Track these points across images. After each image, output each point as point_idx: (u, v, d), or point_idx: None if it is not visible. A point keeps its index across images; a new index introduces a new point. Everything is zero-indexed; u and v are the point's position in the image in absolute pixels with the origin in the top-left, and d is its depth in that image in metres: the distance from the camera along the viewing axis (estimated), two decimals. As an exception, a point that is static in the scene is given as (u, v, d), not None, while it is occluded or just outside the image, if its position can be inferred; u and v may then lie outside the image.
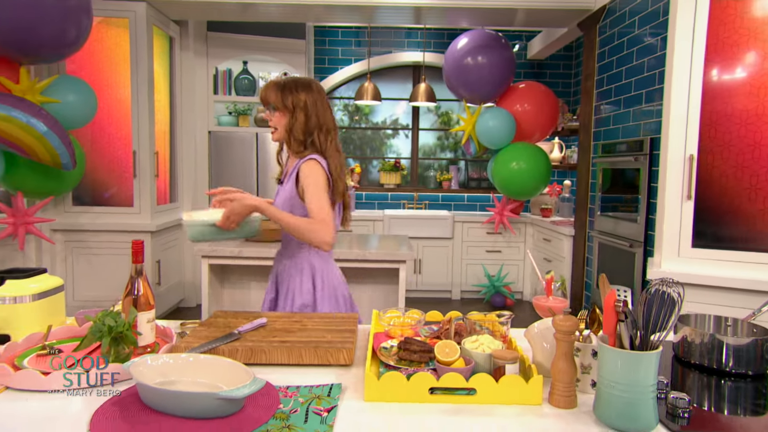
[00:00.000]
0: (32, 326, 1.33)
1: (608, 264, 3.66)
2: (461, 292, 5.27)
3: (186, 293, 4.71)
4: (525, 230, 5.17)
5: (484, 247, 5.19)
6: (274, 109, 1.77)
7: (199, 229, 1.74)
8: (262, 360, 1.20)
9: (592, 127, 4.05)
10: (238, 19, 4.46)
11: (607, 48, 3.80)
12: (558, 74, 5.66)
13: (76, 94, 3.29)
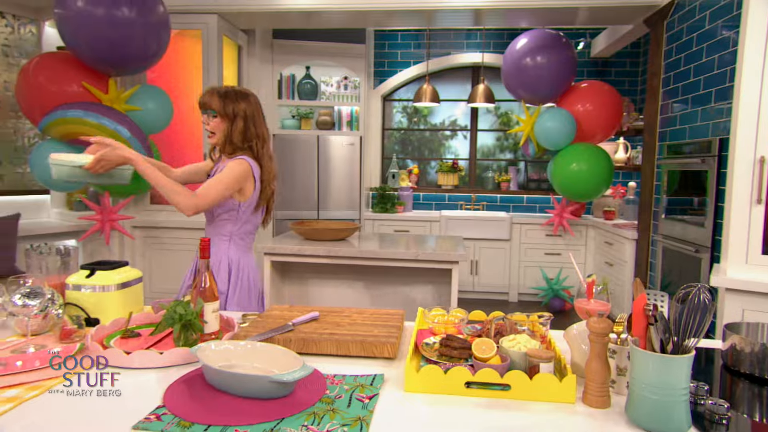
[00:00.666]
0: (116, 312, 1.51)
1: (673, 269, 3.52)
2: (518, 295, 5.21)
3: (251, 288, 4.97)
4: (586, 233, 5.04)
5: (543, 249, 5.11)
6: (214, 115, 1.91)
7: (67, 169, 1.73)
8: (313, 350, 1.30)
9: (657, 127, 3.90)
10: (301, 26, 4.65)
11: (674, 45, 3.65)
12: (624, 72, 5.47)
13: (155, 102, 3.59)
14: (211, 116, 1.92)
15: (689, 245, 3.22)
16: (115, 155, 1.78)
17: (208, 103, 1.91)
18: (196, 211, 1.84)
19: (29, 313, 1.26)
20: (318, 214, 5.08)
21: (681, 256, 3.36)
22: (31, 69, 3.36)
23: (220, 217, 1.97)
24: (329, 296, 3.30)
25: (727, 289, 2.34)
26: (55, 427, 0.95)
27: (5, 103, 4.11)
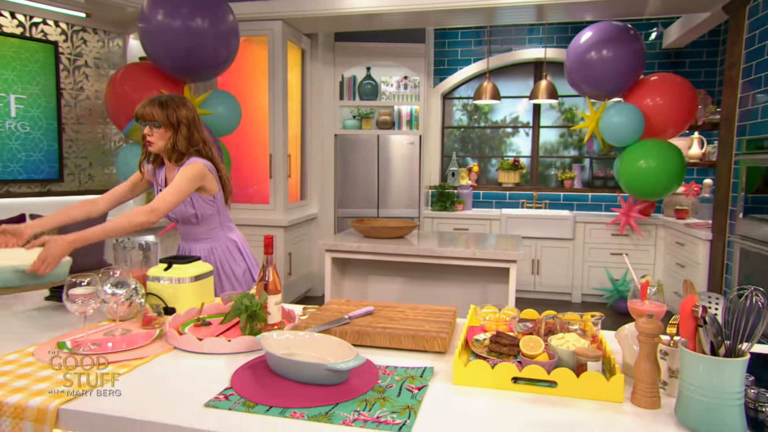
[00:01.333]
0: (190, 302, 1.65)
1: (752, 272, 3.31)
2: (582, 296, 5.07)
3: (313, 284, 5.15)
4: (655, 232, 4.82)
5: (609, 249, 4.94)
6: (158, 126, 1.95)
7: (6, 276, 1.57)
8: (367, 342, 1.37)
9: (735, 121, 3.67)
10: (363, 28, 4.76)
11: (757, 32, 3.43)
12: (700, 63, 5.17)
13: (225, 106, 3.81)
14: (154, 127, 1.96)
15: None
16: (58, 249, 1.65)
17: (149, 115, 1.94)
18: (159, 217, 1.88)
19: (117, 300, 1.41)
20: (378, 212, 5.18)
21: (762, 258, 3.16)
22: (117, 79, 3.67)
23: (205, 215, 2.08)
24: (387, 292, 3.38)
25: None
26: (140, 401, 1.07)
27: (96, 110, 4.51)
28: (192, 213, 2.06)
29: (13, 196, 3.97)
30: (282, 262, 4.46)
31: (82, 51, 4.36)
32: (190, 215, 2.07)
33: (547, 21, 5.02)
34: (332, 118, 5.16)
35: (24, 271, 1.58)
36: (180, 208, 2.04)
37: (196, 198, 2.04)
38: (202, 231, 2.14)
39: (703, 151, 4.94)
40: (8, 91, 3.85)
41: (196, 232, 2.13)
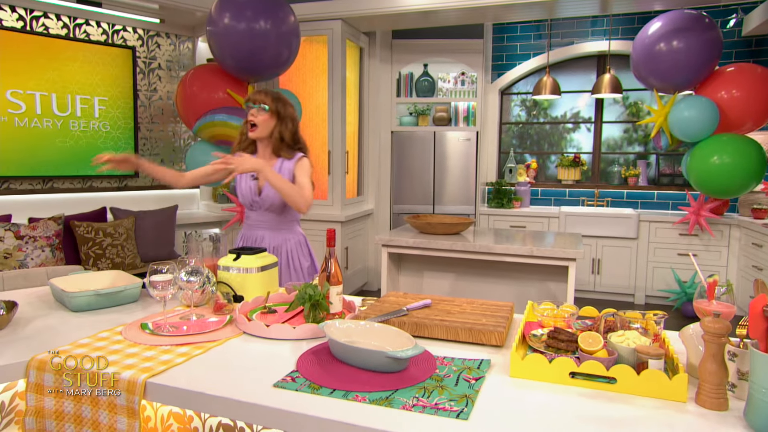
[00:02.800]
0: (257, 291, 1.75)
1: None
2: (645, 297, 4.88)
3: (369, 278, 5.25)
4: (729, 233, 4.56)
5: (676, 249, 4.73)
6: (266, 110, 2.11)
7: (87, 299, 1.63)
8: (425, 334, 1.41)
9: (821, 114, 3.42)
10: (420, 26, 4.78)
11: None
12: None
13: (286, 105, 3.94)
14: (262, 110, 2.12)
15: None
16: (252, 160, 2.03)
17: (261, 99, 2.12)
18: (309, 207, 2.13)
19: (192, 287, 1.52)
20: (433, 208, 5.20)
21: None
22: (186, 80, 3.89)
23: (278, 208, 2.23)
24: (442, 288, 3.40)
25: None
26: (216, 379, 1.16)
27: (167, 110, 4.79)
28: (284, 202, 2.19)
29: (95, 191, 4.30)
30: (339, 256, 4.57)
31: (156, 54, 4.64)
32: (280, 203, 2.20)
33: (611, 12, 4.84)
34: (389, 115, 5.22)
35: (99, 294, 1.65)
36: (274, 195, 2.17)
37: None
38: (282, 221, 2.26)
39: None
40: (93, 93, 4.16)
41: (276, 221, 2.24)
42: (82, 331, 1.44)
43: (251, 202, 2.25)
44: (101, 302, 1.67)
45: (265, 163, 2.06)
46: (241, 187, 2.27)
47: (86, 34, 4.16)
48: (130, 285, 1.75)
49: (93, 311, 1.65)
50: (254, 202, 2.24)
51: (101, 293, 1.67)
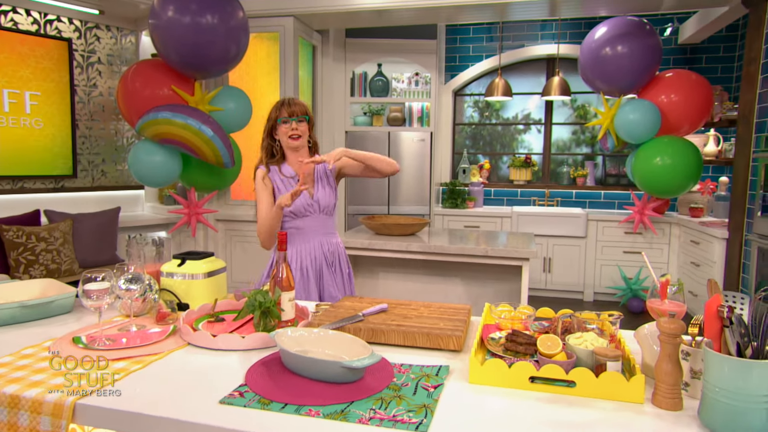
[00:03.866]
0: (203, 298, 1.65)
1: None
2: (594, 294, 5.03)
3: (323, 280, 5.15)
4: (669, 231, 4.77)
5: (622, 247, 4.90)
6: (307, 119, 2.14)
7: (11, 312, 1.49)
8: (381, 340, 1.37)
9: (754, 118, 3.62)
10: (373, 24, 4.74)
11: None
12: (717, 59, 5.10)
13: (236, 103, 3.81)
14: (303, 121, 2.13)
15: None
16: (335, 153, 2.05)
17: (301, 109, 2.13)
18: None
19: (132, 296, 1.41)
20: (388, 209, 5.17)
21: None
22: (129, 75, 3.69)
23: (331, 210, 2.23)
24: (398, 289, 3.37)
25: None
26: (155, 397, 1.07)
27: (109, 107, 4.54)
28: (335, 202, 2.21)
29: (28, 192, 4.01)
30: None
31: (95, 48, 4.39)
32: (333, 204, 2.20)
33: (559, 16, 4.97)
34: (343, 114, 5.15)
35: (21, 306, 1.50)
36: (327, 196, 2.17)
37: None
38: (333, 224, 2.25)
39: (719, 149, 4.88)
40: (23, 87, 3.88)
41: (330, 224, 2.23)
42: (4, 348, 1.30)
43: (305, 207, 2.15)
44: (28, 315, 1.53)
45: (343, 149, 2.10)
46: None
47: (14, 23, 3.87)
48: (62, 295, 1.62)
49: (19, 325, 1.51)
50: (309, 206, 2.16)
51: (27, 305, 1.53)
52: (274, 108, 2.16)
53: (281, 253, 1.49)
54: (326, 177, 2.22)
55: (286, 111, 2.11)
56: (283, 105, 2.13)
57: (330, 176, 2.23)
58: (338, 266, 2.25)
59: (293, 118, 2.11)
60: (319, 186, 2.19)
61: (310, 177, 2.16)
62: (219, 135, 3.41)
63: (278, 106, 2.15)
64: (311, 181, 2.17)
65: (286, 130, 2.11)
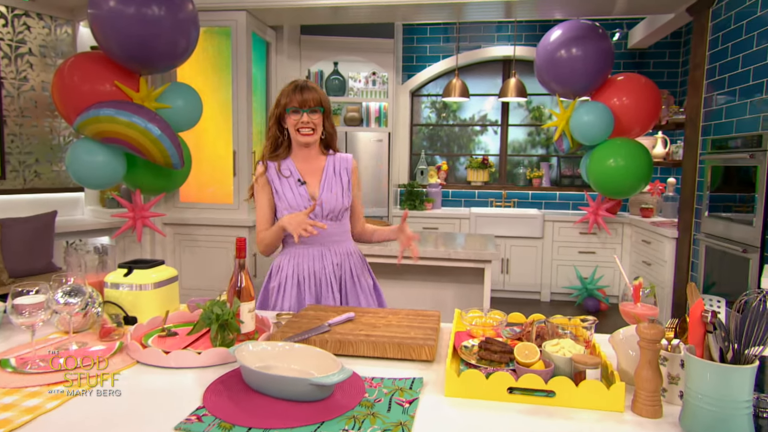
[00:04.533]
0: (153, 311, 1.54)
1: (717, 270, 3.41)
2: (551, 294, 5.13)
3: (279, 285, 5.01)
4: (622, 231, 4.93)
5: (577, 247, 5.02)
6: (322, 111, 1.84)
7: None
8: (350, 351, 1.30)
9: (700, 121, 3.78)
10: (329, 22, 4.66)
11: (720, 34, 3.53)
12: (663, 63, 5.32)
13: (185, 100, 3.64)
14: (317, 113, 1.83)
15: (736, 245, 3.11)
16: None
17: (314, 99, 1.81)
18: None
19: (71, 311, 1.29)
20: (346, 211, 5.10)
21: (726, 255, 3.25)
22: (65, 69, 3.45)
23: (339, 214, 1.94)
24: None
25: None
26: (99, 424, 0.97)
27: (42, 102, 4.24)
28: (347, 206, 1.93)
29: (-51, 195, 3.69)
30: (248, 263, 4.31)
31: (25, 38, 4.09)
32: (341, 208, 1.91)
33: (515, 18, 5.05)
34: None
35: None
36: (334, 197, 1.88)
37: (348, 195, 1.95)
38: (342, 231, 1.93)
39: (666, 151, 5.08)
40: (-58, 80, 3.56)
41: (336, 232, 1.91)
42: None
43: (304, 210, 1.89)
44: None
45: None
46: (285, 197, 1.87)
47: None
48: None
49: (-63, 346, 1.35)
50: (314, 215, 1.88)
51: None
52: (284, 92, 1.84)
53: (239, 260, 1.40)
54: (338, 175, 1.92)
55: (296, 100, 1.79)
56: (294, 91, 1.81)
57: (345, 176, 1.93)
58: (352, 279, 1.93)
59: (305, 110, 1.80)
60: (326, 185, 1.89)
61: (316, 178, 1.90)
62: (167, 134, 3.24)
63: (289, 91, 1.83)
64: (317, 184, 1.89)
65: (295, 121, 1.82)
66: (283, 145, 1.92)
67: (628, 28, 5.32)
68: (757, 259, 2.92)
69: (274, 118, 1.89)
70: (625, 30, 5.33)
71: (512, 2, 4.17)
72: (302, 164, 1.92)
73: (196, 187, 4.39)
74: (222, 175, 4.38)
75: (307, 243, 1.88)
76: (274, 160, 1.91)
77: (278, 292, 1.93)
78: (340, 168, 1.93)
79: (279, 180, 1.88)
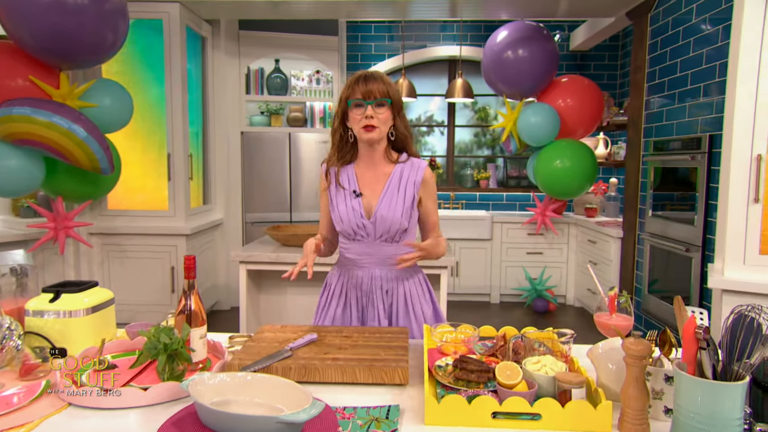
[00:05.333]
0: (86, 340, 1.38)
1: (661, 268, 3.57)
2: (500, 296, 5.22)
3: (220, 296, 4.81)
4: (568, 231, 5.09)
5: (525, 248, 5.13)
6: (389, 104, 1.61)
7: None
8: (316, 378, 1.22)
9: (642, 123, 3.95)
10: (269, 17, 4.51)
11: (659, 38, 3.70)
12: (603, 66, 5.54)
13: (113, 98, 3.40)
14: (383, 106, 1.60)
15: (679, 244, 3.26)
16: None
17: (380, 89, 1.58)
18: None
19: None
20: (291, 216, 4.96)
21: (670, 254, 3.41)
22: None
23: (396, 235, 1.68)
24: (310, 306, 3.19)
25: (723, 291, 2.37)
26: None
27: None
28: (406, 226, 1.67)
29: None
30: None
31: None
32: (399, 228, 1.66)
33: (460, 17, 5.09)
34: (238, 114, 4.85)
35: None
36: (392, 214, 1.64)
37: (413, 210, 1.69)
38: (400, 252, 1.66)
39: (608, 151, 5.30)
40: None
41: (394, 252, 1.65)
42: None
43: (355, 228, 1.66)
44: None
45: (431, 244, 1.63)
46: (338, 210, 1.67)
47: None
48: None
49: None
50: (360, 229, 1.66)
51: None
52: (347, 85, 1.63)
53: (188, 281, 1.28)
54: (403, 189, 1.66)
55: (360, 90, 1.58)
56: (357, 82, 1.60)
57: (412, 189, 1.66)
58: (405, 307, 1.71)
59: (369, 101, 1.58)
60: (385, 199, 1.65)
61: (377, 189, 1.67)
62: (94, 136, 3.00)
63: (351, 82, 1.62)
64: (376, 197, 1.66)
65: (358, 116, 1.60)
66: (348, 147, 1.70)
67: (569, 31, 5.51)
68: (699, 258, 3.07)
69: (339, 116, 1.67)
70: (566, 32, 5.51)
71: (457, 1, 4.19)
72: (365, 170, 1.70)
73: (126, 193, 4.12)
74: (156, 180, 4.14)
75: (357, 260, 1.70)
76: (335, 165, 1.72)
77: (324, 308, 1.78)
78: (407, 179, 1.67)
79: (335, 187, 1.70)
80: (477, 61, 5.50)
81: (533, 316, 4.83)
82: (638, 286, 3.93)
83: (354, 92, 1.60)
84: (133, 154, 4.10)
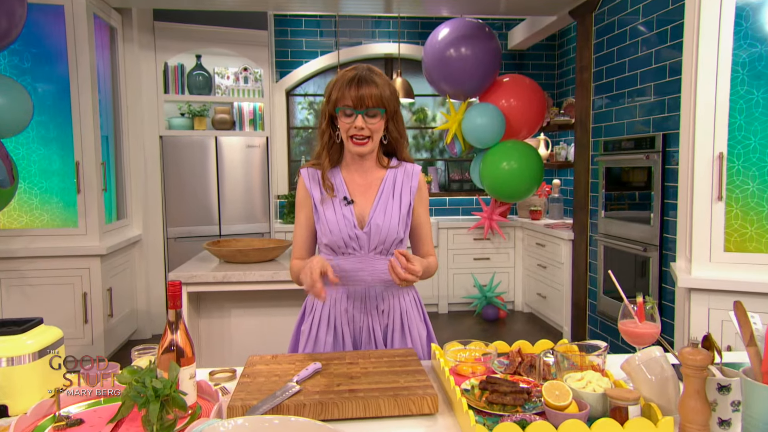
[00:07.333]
0: (32, 391, 1.20)
1: (617, 270, 3.75)
2: (449, 305, 5.28)
3: (139, 324, 4.46)
4: (514, 234, 5.25)
5: (472, 254, 5.23)
6: (383, 113, 1.52)
7: None
8: (335, 415, 1.13)
9: (590, 123, 4.15)
10: (188, 7, 4.29)
11: (605, 38, 3.91)
12: (540, 66, 5.79)
13: (7, 97, 3.06)
14: (376, 116, 1.50)
15: (636, 244, 3.45)
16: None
17: (374, 97, 1.47)
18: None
19: None
20: (220, 229, 4.72)
21: (625, 255, 3.59)
22: None
23: (391, 247, 1.60)
24: (259, 328, 3.04)
25: (691, 289, 2.52)
26: None
27: None
28: (402, 237, 1.60)
29: None
30: (101, 299, 3.76)
31: None
32: (395, 238, 1.58)
33: (397, 13, 5.12)
34: (155, 115, 4.56)
35: None
36: (387, 224, 1.56)
37: (407, 219, 1.63)
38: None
39: (550, 152, 5.53)
40: None
41: (387, 266, 1.51)
42: None
43: (346, 240, 1.55)
44: None
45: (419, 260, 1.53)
46: (325, 218, 1.56)
47: None
48: None
49: None
50: (352, 240, 1.55)
51: None
52: (337, 84, 1.51)
53: (174, 311, 1.15)
54: (399, 195, 1.59)
55: (350, 96, 1.47)
56: (349, 85, 1.48)
57: (408, 196, 1.60)
58: (402, 330, 1.62)
59: (360, 111, 1.48)
60: (379, 206, 1.57)
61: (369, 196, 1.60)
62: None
63: (342, 83, 1.49)
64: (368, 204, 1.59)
65: (347, 126, 1.51)
66: (334, 149, 1.60)
67: (506, 29, 5.71)
68: (657, 257, 3.26)
69: (324, 115, 1.57)
70: (504, 31, 5.71)
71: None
72: (354, 176, 1.62)
73: (23, 210, 3.72)
74: (61, 193, 3.77)
75: (347, 278, 1.58)
76: (319, 168, 1.61)
77: (309, 337, 1.61)
78: (402, 185, 1.61)
79: (321, 194, 1.59)
80: (415, 59, 5.55)
81: (483, 324, 4.92)
82: (592, 288, 4.11)
83: (344, 97, 1.49)
84: (29, 162, 3.71)
